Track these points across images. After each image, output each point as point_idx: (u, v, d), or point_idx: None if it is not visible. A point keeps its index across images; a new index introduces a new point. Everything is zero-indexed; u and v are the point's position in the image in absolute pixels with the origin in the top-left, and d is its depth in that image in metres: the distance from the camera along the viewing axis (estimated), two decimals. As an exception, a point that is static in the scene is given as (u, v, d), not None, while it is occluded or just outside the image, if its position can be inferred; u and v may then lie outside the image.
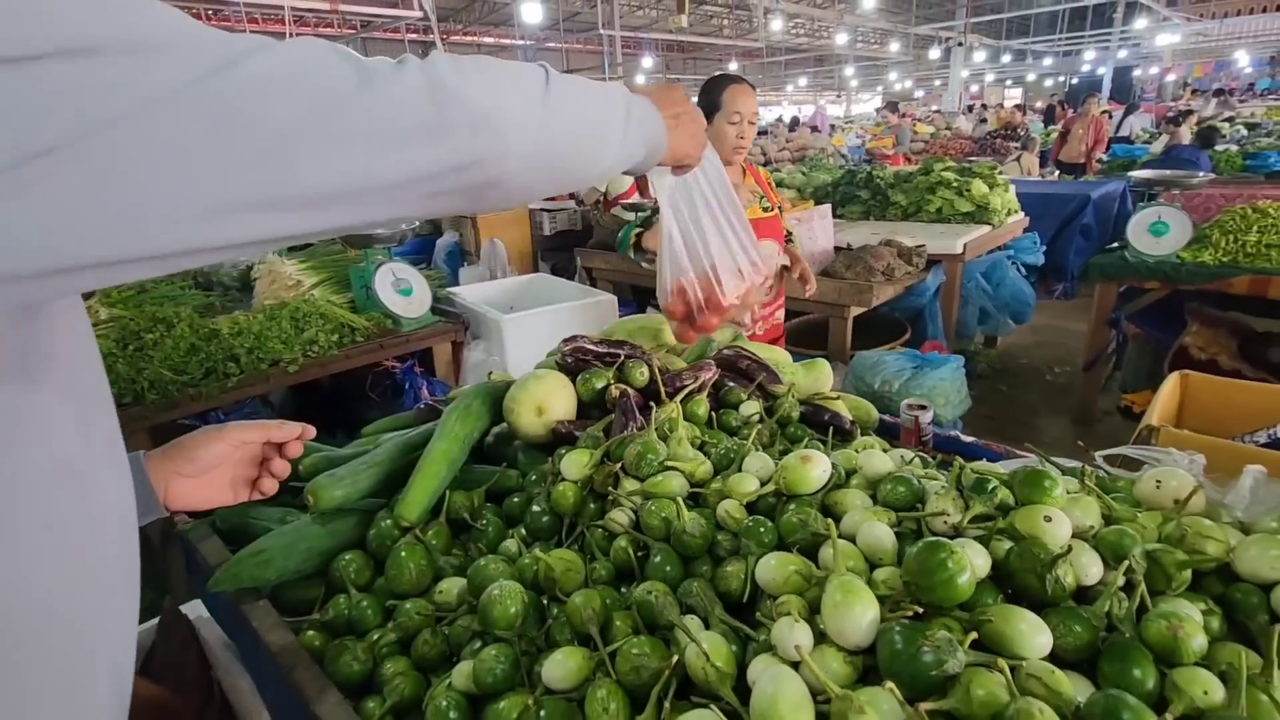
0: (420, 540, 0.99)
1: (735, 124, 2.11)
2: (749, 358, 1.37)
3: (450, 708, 0.75)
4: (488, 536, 1.03)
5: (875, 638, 0.66)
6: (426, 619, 0.89)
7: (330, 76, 0.45)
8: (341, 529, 1.04)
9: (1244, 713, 0.58)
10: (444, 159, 0.50)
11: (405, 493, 1.03)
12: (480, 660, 0.76)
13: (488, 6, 19.38)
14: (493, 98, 0.53)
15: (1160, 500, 0.84)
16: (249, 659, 1.06)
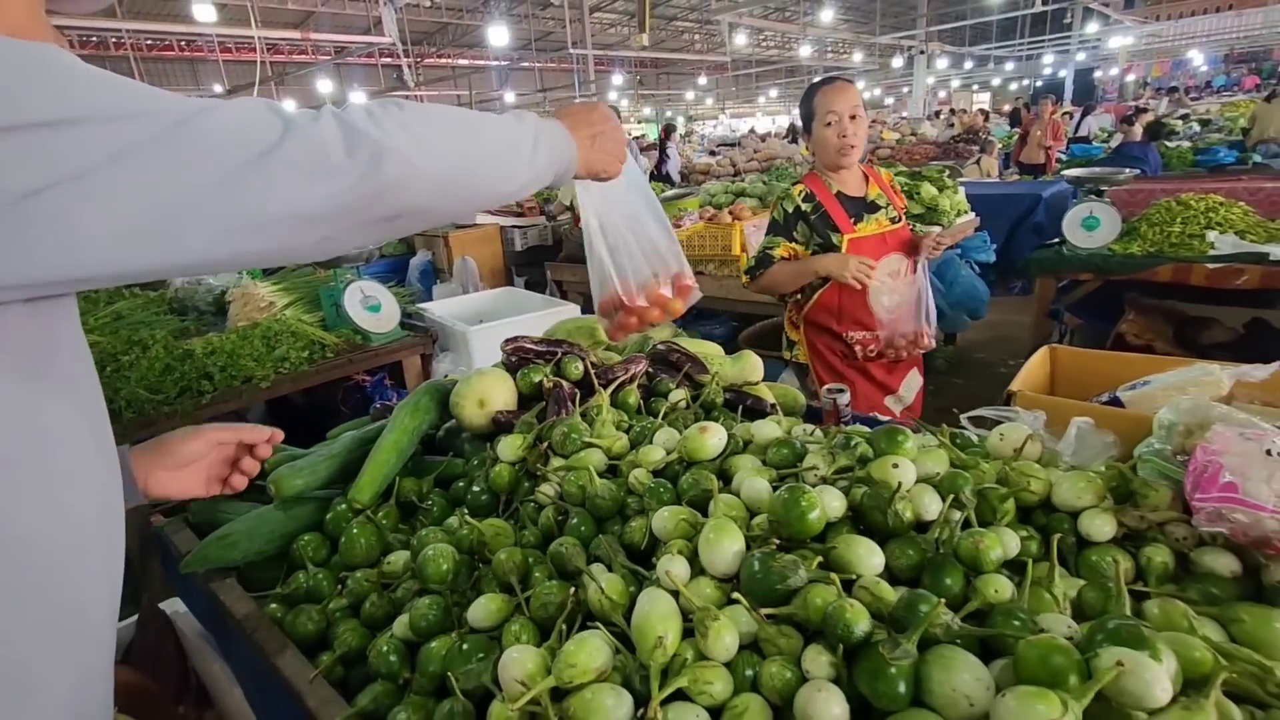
0: (371, 520, 1.11)
1: (832, 124, 1.98)
2: (679, 351, 1.50)
3: (390, 651, 0.87)
4: (433, 515, 1.15)
5: (740, 567, 0.79)
6: (374, 585, 1.01)
7: (260, 128, 0.56)
8: (301, 514, 1.16)
9: (1025, 607, 0.72)
10: (356, 189, 0.60)
11: (358, 478, 1.15)
12: (415, 609, 0.88)
13: (460, 30, 19.63)
14: (398, 136, 0.62)
15: (1003, 450, 0.98)
16: (219, 634, 1.17)
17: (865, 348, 2.11)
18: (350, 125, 0.60)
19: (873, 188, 2.14)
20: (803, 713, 0.65)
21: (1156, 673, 0.57)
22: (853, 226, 2.06)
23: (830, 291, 2.10)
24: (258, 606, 1.01)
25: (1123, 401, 1.08)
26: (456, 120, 0.70)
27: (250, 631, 0.95)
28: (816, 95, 2.03)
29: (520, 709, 0.70)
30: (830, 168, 2.09)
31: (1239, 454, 0.76)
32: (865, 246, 2.04)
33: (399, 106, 0.66)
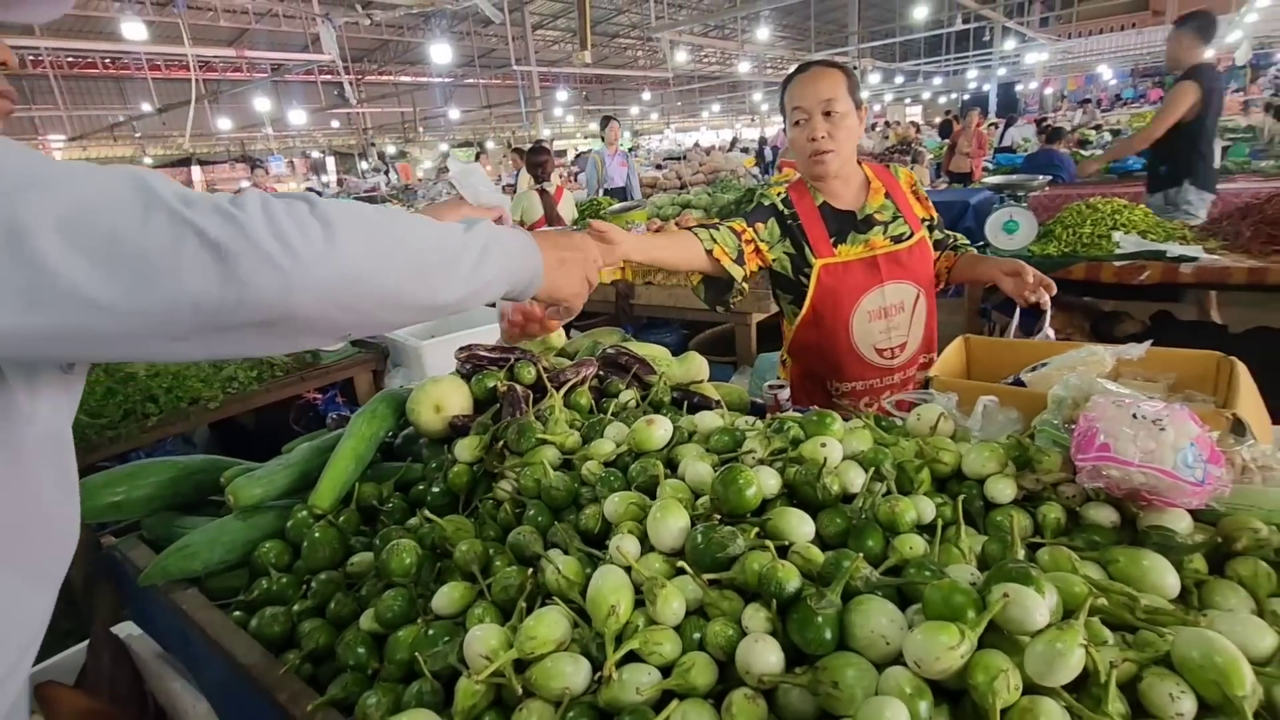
0: (333, 524, 1.14)
1: (800, 124, 1.61)
2: (627, 354, 1.58)
3: (357, 643, 0.91)
4: (394, 517, 1.19)
5: (685, 541, 0.86)
6: (339, 586, 1.04)
7: (115, 213, 0.50)
8: (261, 523, 1.18)
9: (936, 560, 0.81)
10: (214, 293, 0.52)
11: (318, 485, 1.18)
12: (380, 602, 0.92)
13: (401, 46, 19.47)
14: (285, 239, 0.54)
15: (920, 429, 1.08)
16: (181, 648, 1.18)
17: (857, 401, 1.74)
18: (230, 219, 0.53)
19: (875, 197, 1.71)
20: (743, 663, 0.72)
21: (1037, 602, 0.67)
22: (832, 248, 1.67)
23: (807, 327, 1.74)
24: (222, 613, 1.03)
25: (1025, 382, 1.20)
26: (374, 226, 0.62)
27: (216, 636, 0.97)
28: (786, 90, 1.67)
29: (485, 680, 0.75)
30: (810, 177, 1.71)
31: (1111, 419, 0.88)
32: (847, 274, 1.67)
33: (308, 202, 0.58)
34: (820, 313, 1.70)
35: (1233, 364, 1.16)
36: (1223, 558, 0.82)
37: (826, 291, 1.68)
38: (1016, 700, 0.63)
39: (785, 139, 10.06)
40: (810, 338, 1.74)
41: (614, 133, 7.05)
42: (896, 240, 1.70)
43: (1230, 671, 0.61)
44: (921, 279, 1.73)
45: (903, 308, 1.70)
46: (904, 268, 1.69)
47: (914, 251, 1.71)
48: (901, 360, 1.75)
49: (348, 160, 22.86)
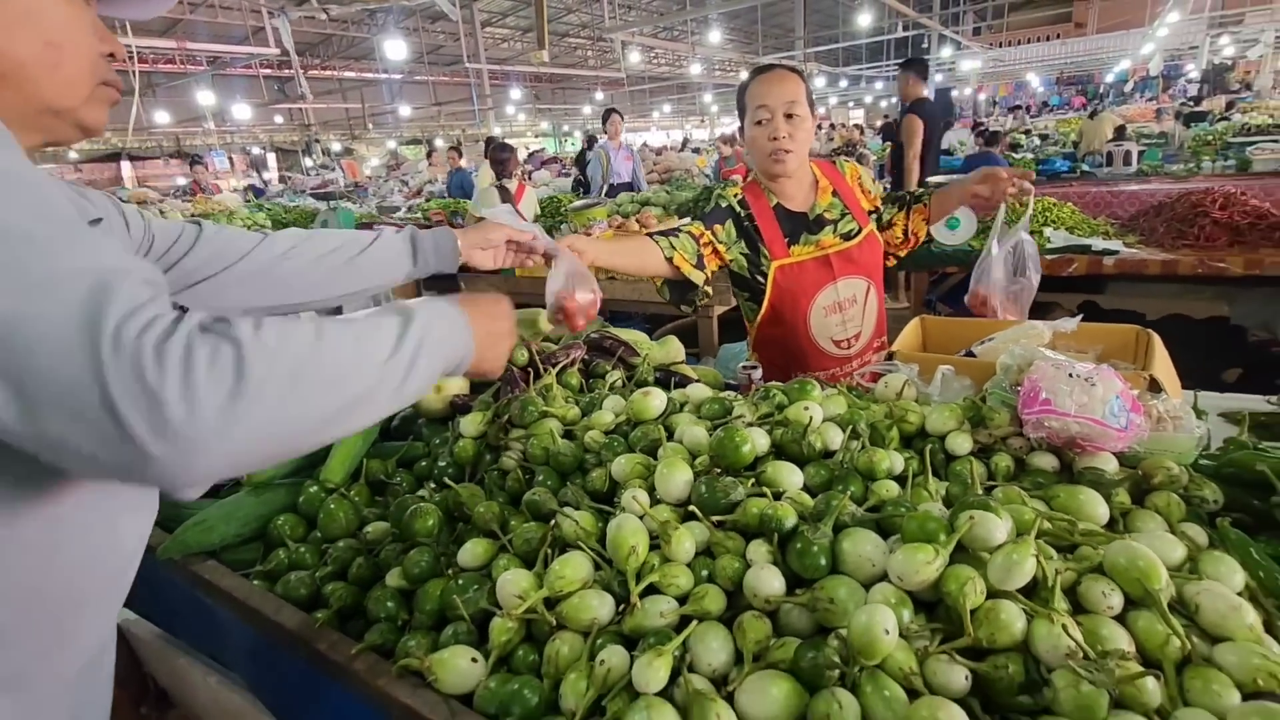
0: (346, 496, 1.20)
1: (763, 123, 1.63)
2: (611, 338, 1.67)
3: (387, 598, 0.98)
4: (402, 490, 1.25)
5: (690, 492, 0.97)
6: (358, 551, 1.10)
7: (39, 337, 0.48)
8: (273, 499, 1.23)
9: (909, 500, 0.93)
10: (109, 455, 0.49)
11: (328, 461, 1.23)
12: (408, 559, 0.99)
13: (346, 41, 19.00)
14: (195, 405, 0.49)
15: (887, 395, 1.21)
16: (196, 621, 1.21)
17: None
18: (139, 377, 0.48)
19: (823, 196, 1.76)
20: (751, 588, 0.83)
21: (997, 523, 0.80)
22: (786, 249, 1.73)
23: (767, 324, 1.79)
24: (247, 580, 1.08)
25: (975, 354, 1.35)
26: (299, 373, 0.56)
27: (246, 599, 1.02)
28: (748, 88, 1.69)
29: (520, 617, 0.84)
30: (766, 176, 1.74)
31: (1051, 378, 1.02)
32: (802, 273, 1.73)
33: (236, 346, 0.52)
34: (779, 310, 1.77)
35: (1149, 335, 1.33)
36: (1143, 492, 0.97)
37: (783, 291, 1.75)
38: (982, 603, 0.75)
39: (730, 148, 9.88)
40: (771, 333, 1.81)
41: (616, 126, 6.71)
42: (846, 238, 1.77)
43: (1150, 570, 0.75)
44: (871, 272, 1.81)
45: (855, 300, 1.78)
46: (854, 263, 1.76)
47: (863, 246, 1.78)
48: (858, 348, 1.84)
49: (290, 157, 22.15)
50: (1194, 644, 0.72)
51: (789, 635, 0.81)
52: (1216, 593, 0.76)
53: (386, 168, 17.55)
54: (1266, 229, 3.04)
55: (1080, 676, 0.67)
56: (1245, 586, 0.80)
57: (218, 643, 1.19)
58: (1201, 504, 0.96)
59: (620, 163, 6.77)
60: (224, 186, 12.38)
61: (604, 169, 6.71)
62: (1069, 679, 0.68)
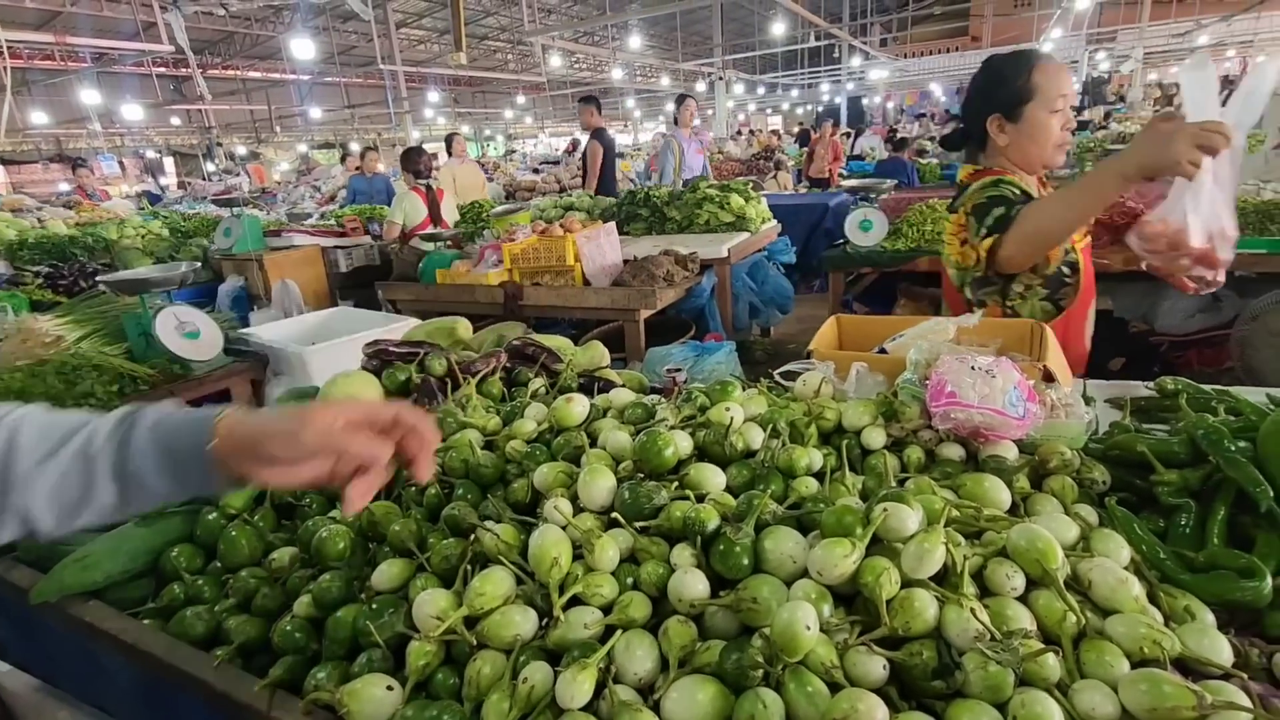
0: (249, 522, 1.12)
1: (1060, 111, 1.54)
2: (534, 344, 1.64)
3: (295, 628, 0.92)
4: (313, 512, 1.18)
5: (613, 499, 0.95)
6: (263, 580, 1.03)
7: None
8: (166, 529, 1.13)
9: (827, 496, 0.95)
10: None
11: (228, 485, 1.15)
12: (318, 585, 0.94)
13: (249, 39, 18.04)
14: None
15: (806, 392, 1.24)
16: (78, 668, 1.11)
17: None
18: None
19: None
20: (675, 593, 0.82)
21: (909, 514, 0.82)
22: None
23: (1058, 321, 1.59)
24: (135, 620, 0.99)
25: (887, 350, 1.40)
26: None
27: (134, 642, 0.93)
28: (1036, 70, 1.52)
29: (438, 639, 0.80)
30: (1042, 165, 1.63)
31: (955, 371, 1.07)
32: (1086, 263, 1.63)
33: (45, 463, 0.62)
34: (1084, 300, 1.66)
35: (1043, 329, 1.41)
36: (1040, 476, 1.03)
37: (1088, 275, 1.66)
38: (897, 592, 0.77)
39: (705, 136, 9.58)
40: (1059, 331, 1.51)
41: (690, 112, 5.95)
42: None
43: (1047, 551, 0.79)
44: None
45: None
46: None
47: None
48: None
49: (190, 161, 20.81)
50: (1088, 618, 0.77)
51: (716, 638, 0.81)
52: (1106, 568, 0.81)
53: (297, 172, 16.76)
54: (1141, 228, 3.31)
55: (987, 658, 0.70)
56: (1131, 561, 0.86)
57: (105, 692, 1.09)
58: (1092, 485, 1.03)
59: (693, 155, 5.95)
60: (114, 193, 11.49)
61: (677, 160, 5.89)
62: (978, 660, 0.70)
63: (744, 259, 4.57)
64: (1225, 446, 0.95)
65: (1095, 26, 16.77)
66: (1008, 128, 1.62)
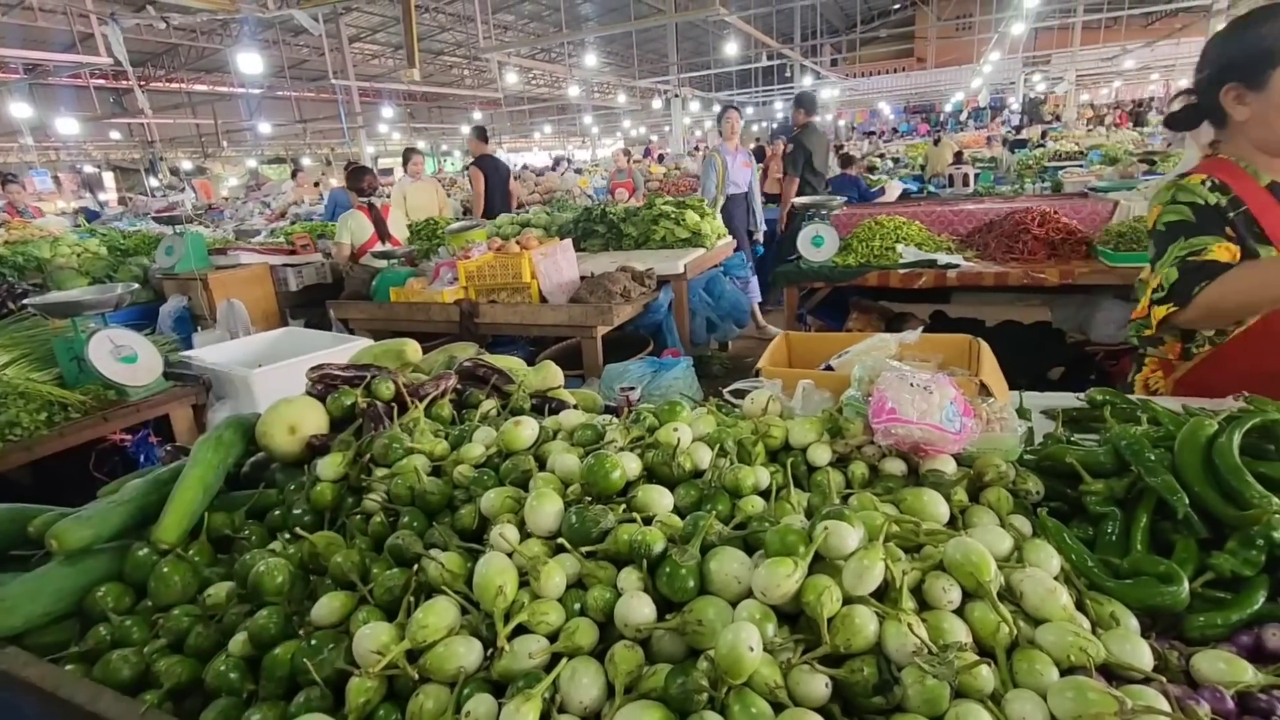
0: (182, 557, 1.07)
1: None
2: (485, 366, 1.63)
3: (231, 668, 0.88)
4: (252, 544, 1.14)
5: (560, 523, 0.95)
6: (197, 619, 0.99)
7: None
8: (93, 567, 1.08)
9: (773, 514, 0.97)
10: None
11: (161, 519, 1.10)
12: (254, 621, 0.90)
13: (194, 52, 17.58)
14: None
15: (754, 410, 1.26)
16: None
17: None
18: None
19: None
20: (621, 618, 0.82)
21: (849, 531, 0.84)
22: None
23: (1244, 339, 1.39)
24: (56, 667, 0.94)
25: (833, 367, 1.43)
26: None
27: (55, 689, 0.89)
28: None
29: (378, 675, 0.78)
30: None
31: (896, 388, 1.10)
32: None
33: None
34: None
35: (980, 344, 1.47)
36: (977, 489, 1.07)
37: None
38: (838, 610, 0.79)
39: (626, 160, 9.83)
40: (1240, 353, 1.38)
41: (733, 124, 5.65)
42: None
43: (981, 564, 0.82)
44: None
45: None
46: None
47: None
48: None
49: (133, 176, 20.07)
50: (1020, 628, 0.79)
51: (663, 661, 0.80)
52: (1037, 579, 0.83)
53: (246, 188, 16.34)
54: (1075, 243, 3.47)
55: (925, 672, 0.71)
56: (1061, 570, 0.89)
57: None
58: (1026, 496, 1.06)
59: (738, 169, 5.68)
60: (48, 209, 11.00)
61: (720, 176, 5.59)
62: (916, 675, 0.72)
63: (700, 274, 4.63)
64: (1145, 456, 1.00)
65: (1031, 50, 17.61)
66: (1249, 98, 1.34)
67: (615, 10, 17.12)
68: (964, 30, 20.16)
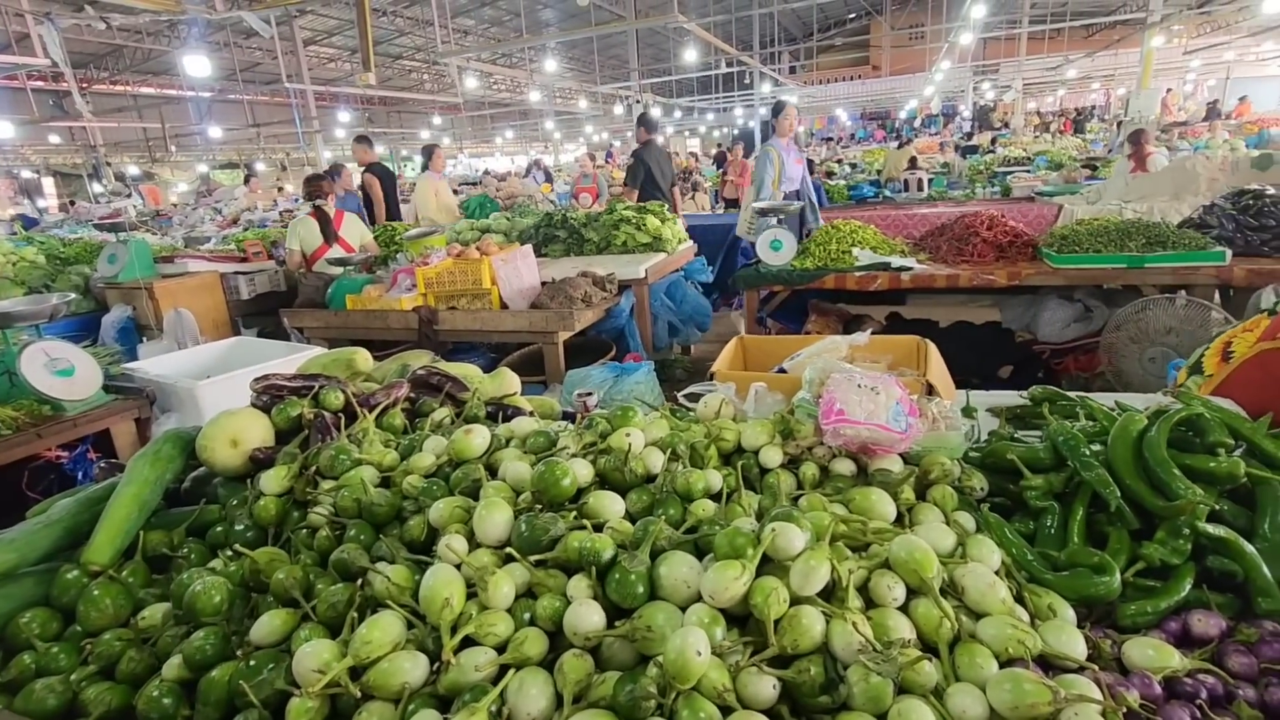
0: (115, 579, 1.03)
1: None
2: (439, 374, 1.60)
3: (164, 693, 0.85)
4: (191, 563, 1.10)
5: (510, 532, 0.94)
6: (130, 643, 0.95)
7: None
8: (16, 593, 1.03)
9: (724, 517, 0.97)
10: None
11: (92, 539, 1.06)
12: (190, 644, 0.87)
13: (140, 54, 16.99)
14: None
15: (707, 414, 1.26)
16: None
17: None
18: None
19: None
20: (570, 626, 0.81)
21: (796, 534, 0.84)
22: None
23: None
24: (-27, 698, 0.89)
25: (786, 369, 1.45)
26: None
27: (-30, 722, 0.84)
28: None
29: (320, 694, 0.76)
30: None
31: (844, 389, 1.12)
32: None
33: None
34: None
35: (927, 345, 1.50)
36: (924, 487, 1.09)
37: None
38: (785, 611, 0.79)
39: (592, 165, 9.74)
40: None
41: (789, 120, 5.41)
42: None
43: (924, 561, 0.83)
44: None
45: None
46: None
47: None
48: None
49: (74, 182, 19.28)
50: (962, 623, 0.81)
51: (614, 669, 0.80)
52: (978, 574, 0.85)
53: (197, 194, 15.84)
54: (1022, 245, 3.58)
55: (869, 669, 0.72)
56: (1002, 564, 0.92)
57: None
58: (971, 492, 1.09)
59: (793, 165, 5.33)
60: (-17, 216, 10.49)
61: (776, 172, 5.28)
62: (861, 673, 0.73)
63: (662, 279, 4.64)
64: (1081, 451, 1.03)
65: (980, 59, 18.16)
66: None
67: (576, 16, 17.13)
68: (916, 40, 20.72)
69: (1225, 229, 3.29)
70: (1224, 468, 0.99)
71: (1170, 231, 3.25)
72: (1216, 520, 0.97)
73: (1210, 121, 11.94)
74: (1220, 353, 1.43)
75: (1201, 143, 9.67)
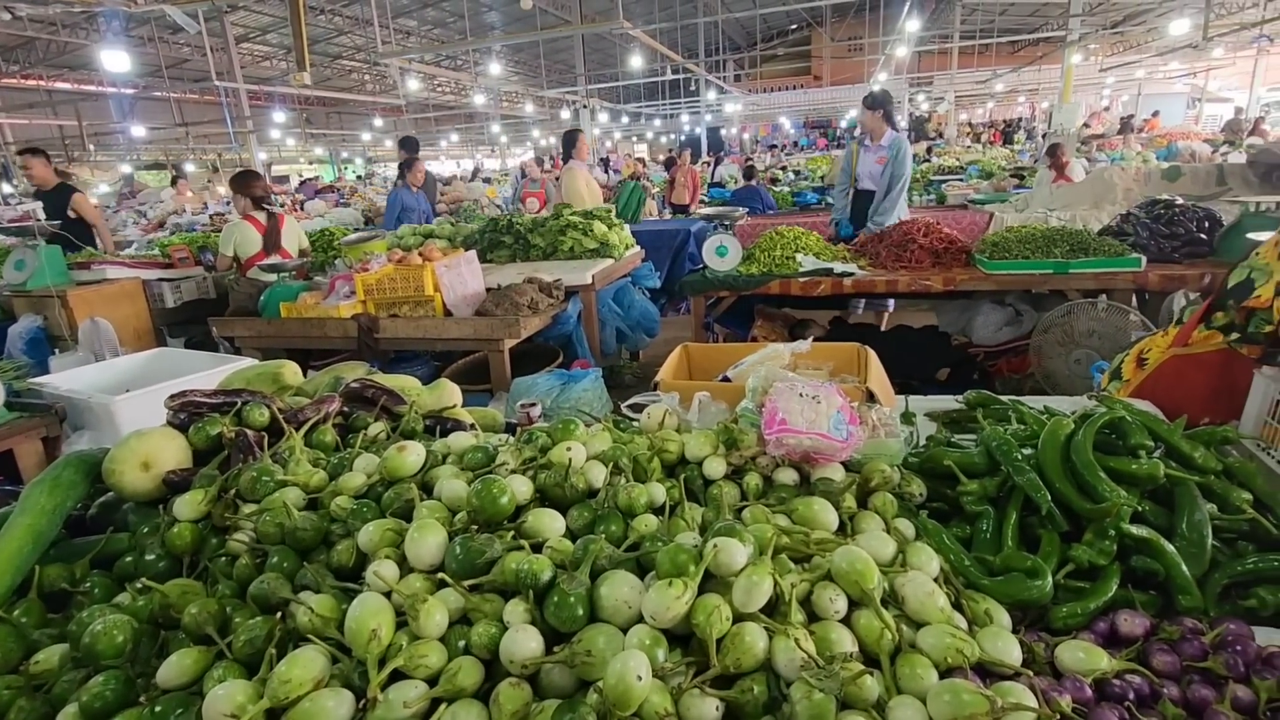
0: (5, 619, 0.94)
1: None
2: (374, 386, 1.53)
3: (56, 747, 0.77)
4: (94, 598, 1.02)
5: (444, 555, 0.89)
6: (20, 691, 0.87)
7: None
8: (-112, 640, 0.93)
9: (667, 532, 0.95)
10: None
11: (-22, 577, 0.96)
12: (86, 690, 0.80)
13: (55, 47, 16.01)
14: None
15: (651, 425, 1.24)
16: None
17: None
18: None
19: None
20: (506, 654, 0.77)
21: (738, 549, 0.83)
22: None
23: None
24: None
25: (730, 378, 1.45)
26: None
27: None
28: None
29: (233, 740, 0.71)
30: None
31: (786, 398, 1.12)
32: None
33: None
34: None
35: (867, 352, 1.53)
36: (865, 494, 1.09)
37: None
38: (728, 629, 0.78)
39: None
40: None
41: (877, 118, 4.88)
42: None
43: (865, 572, 0.83)
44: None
45: None
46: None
47: None
48: None
49: (-21, 183, 17.98)
50: (903, 632, 0.81)
51: (553, 696, 0.77)
52: (918, 582, 0.86)
53: (119, 196, 15.00)
54: (956, 252, 3.71)
55: (811, 686, 0.71)
56: (941, 570, 0.92)
57: None
58: (910, 499, 1.10)
59: (871, 164, 4.86)
60: None
61: (853, 168, 4.93)
62: (803, 690, 0.72)
63: (609, 284, 4.62)
64: (1013, 456, 1.06)
65: (915, 71, 18.85)
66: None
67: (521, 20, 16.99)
68: (855, 51, 21.35)
69: (1141, 237, 3.48)
70: (1145, 469, 1.02)
71: (1092, 239, 3.41)
72: (1139, 521, 1.01)
73: (1124, 135, 12.68)
74: (1136, 359, 1.50)
75: (1117, 154, 10.26)
